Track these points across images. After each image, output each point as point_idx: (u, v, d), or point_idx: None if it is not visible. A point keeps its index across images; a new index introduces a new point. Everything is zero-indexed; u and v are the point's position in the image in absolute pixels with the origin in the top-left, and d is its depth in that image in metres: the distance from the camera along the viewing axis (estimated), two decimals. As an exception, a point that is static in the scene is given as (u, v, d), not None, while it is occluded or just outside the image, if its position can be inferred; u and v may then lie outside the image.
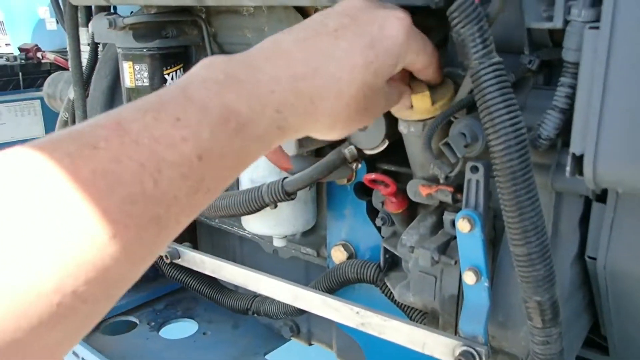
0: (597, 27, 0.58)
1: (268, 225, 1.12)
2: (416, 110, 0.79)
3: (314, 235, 1.30)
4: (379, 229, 1.12)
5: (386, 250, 1.08)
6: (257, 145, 0.49)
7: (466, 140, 0.74)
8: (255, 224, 1.14)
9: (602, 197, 0.72)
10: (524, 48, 0.78)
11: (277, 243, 1.18)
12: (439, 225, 0.97)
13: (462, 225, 0.78)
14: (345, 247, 1.18)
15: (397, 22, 0.62)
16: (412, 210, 1.03)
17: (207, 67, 0.49)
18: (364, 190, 1.16)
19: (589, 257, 0.76)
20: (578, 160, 0.63)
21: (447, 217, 0.88)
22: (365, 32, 0.60)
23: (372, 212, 1.15)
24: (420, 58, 0.68)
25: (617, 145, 0.59)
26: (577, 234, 0.78)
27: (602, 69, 0.58)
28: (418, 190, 0.90)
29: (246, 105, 0.47)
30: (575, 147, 0.63)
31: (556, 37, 0.76)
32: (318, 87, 0.56)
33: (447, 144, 0.73)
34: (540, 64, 0.77)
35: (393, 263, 1.11)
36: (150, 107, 0.43)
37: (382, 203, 1.05)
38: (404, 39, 0.62)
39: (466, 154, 0.74)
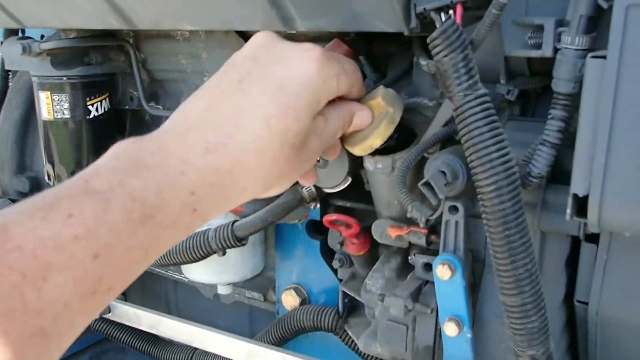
0: (603, 57, 0.52)
1: (213, 273, 1.00)
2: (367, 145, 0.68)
3: (260, 277, 1.18)
4: (334, 270, 1.03)
5: (345, 295, 0.99)
6: (169, 233, 0.45)
7: (446, 179, 0.67)
8: (198, 272, 1.02)
9: (592, 236, 0.67)
10: (499, 77, 0.72)
11: (223, 291, 1.06)
12: (405, 266, 0.90)
13: (442, 272, 0.71)
14: (297, 291, 1.08)
15: (304, 55, 0.55)
16: (373, 250, 0.95)
17: (115, 155, 0.45)
18: (317, 229, 1.07)
19: (579, 302, 0.70)
20: (580, 202, 0.57)
21: (418, 260, 0.80)
22: (270, 75, 0.53)
23: (326, 252, 1.06)
24: (343, 81, 0.59)
25: (627, 185, 0.53)
26: (564, 276, 0.72)
27: (610, 102, 0.52)
28: (386, 232, 0.82)
29: (153, 193, 0.43)
30: (577, 187, 0.57)
31: (534, 66, 0.71)
32: (235, 154, 0.49)
33: (427, 184, 0.66)
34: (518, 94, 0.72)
35: (352, 307, 1.02)
36: (42, 205, 0.39)
37: (341, 243, 0.96)
38: (315, 72, 0.55)
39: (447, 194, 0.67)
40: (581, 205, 0.57)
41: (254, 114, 0.51)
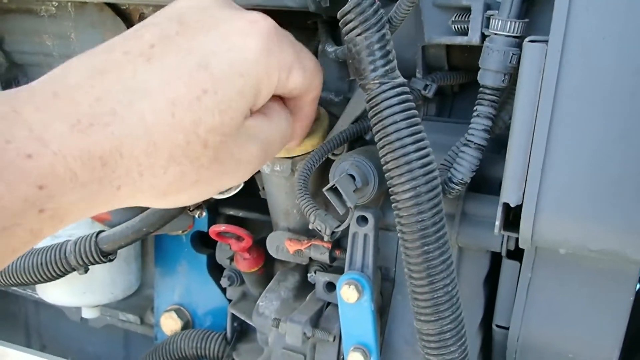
0: (543, 41, 0.44)
1: (74, 294, 0.83)
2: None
3: (136, 296, 1.03)
4: (223, 289, 0.90)
5: (234, 318, 0.86)
6: (1, 241, 0.33)
7: (355, 184, 0.57)
8: (55, 293, 0.85)
9: (514, 253, 0.59)
10: (415, 70, 0.64)
11: (88, 314, 0.90)
12: (303, 285, 0.79)
13: (348, 294, 0.60)
14: (178, 312, 0.95)
15: (247, 27, 0.42)
16: (267, 267, 0.83)
17: None
18: (203, 241, 0.93)
19: (498, 326, 0.62)
20: (511, 213, 0.49)
21: (319, 278, 0.69)
22: (194, 45, 0.40)
23: (214, 268, 0.93)
24: (297, 79, 0.47)
25: (567, 193, 0.45)
26: (481, 298, 0.64)
27: (550, 94, 0.44)
28: (283, 246, 0.70)
29: None
30: (508, 196, 0.48)
31: (455, 59, 0.63)
32: (115, 140, 0.36)
33: (333, 190, 0.55)
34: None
35: (242, 332, 0.89)
36: None
37: (230, 259, 0.84)
38: (259, 52, 0.42)
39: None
40: (514, 217, 0.49)
41: (156, 93, 0.37)
